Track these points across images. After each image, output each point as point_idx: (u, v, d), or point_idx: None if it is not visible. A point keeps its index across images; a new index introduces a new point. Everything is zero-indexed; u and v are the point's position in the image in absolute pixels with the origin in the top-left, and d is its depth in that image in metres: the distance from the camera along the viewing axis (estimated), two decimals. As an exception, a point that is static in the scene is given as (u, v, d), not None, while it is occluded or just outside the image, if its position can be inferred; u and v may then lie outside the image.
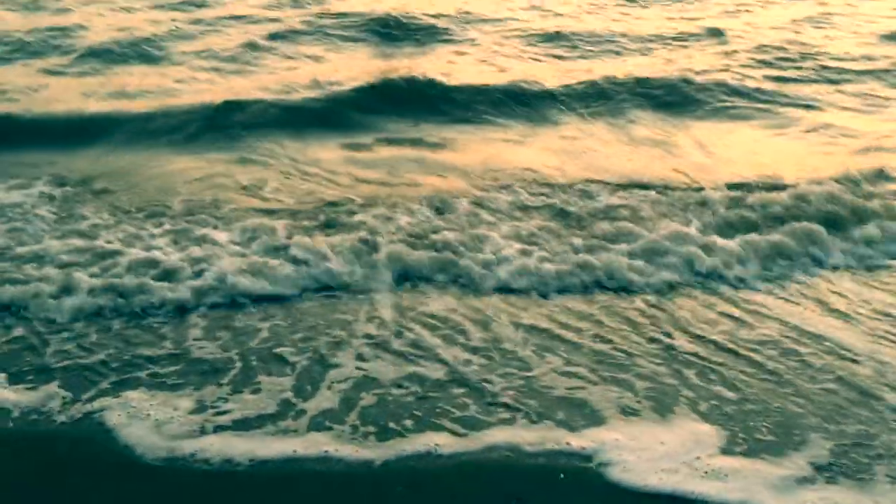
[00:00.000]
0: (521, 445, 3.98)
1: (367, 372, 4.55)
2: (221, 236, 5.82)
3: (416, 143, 7.58)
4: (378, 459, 3.88)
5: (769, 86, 8.94)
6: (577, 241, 5.73)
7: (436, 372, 4.56)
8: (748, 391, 4.35)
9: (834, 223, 5.90)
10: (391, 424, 4.18)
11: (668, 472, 3.77)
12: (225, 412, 4.29)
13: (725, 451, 3.93)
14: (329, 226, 5.97)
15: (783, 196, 6.24)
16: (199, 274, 5.36)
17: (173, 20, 11.38)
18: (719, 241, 5.66)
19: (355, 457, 3.90)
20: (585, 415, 4.21)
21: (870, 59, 9.89)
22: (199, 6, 12.38)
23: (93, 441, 4.01)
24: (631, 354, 4.69)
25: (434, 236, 5.76)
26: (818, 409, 4.21)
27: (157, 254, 5.56)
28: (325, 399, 4.34)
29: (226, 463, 3.88)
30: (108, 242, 5.71)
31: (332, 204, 6.35)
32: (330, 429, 4.14)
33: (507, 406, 4.27)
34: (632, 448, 3.95)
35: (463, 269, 5.44)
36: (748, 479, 3.73)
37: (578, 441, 4.00)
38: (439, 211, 6.17)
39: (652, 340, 4.81)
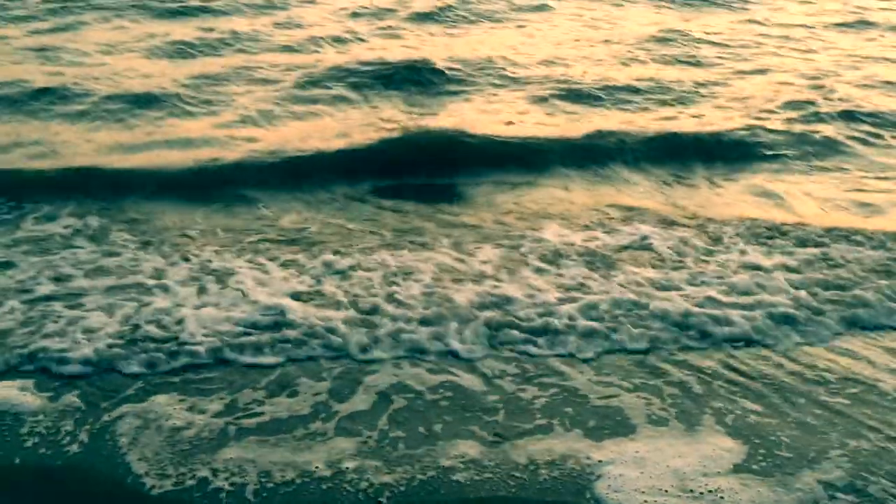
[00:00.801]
0: (540, 465, 4.03)
1: (402, 378, 4.67)
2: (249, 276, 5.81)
3: (439, 194, 7.52)
4: (388, 489, 3.88)
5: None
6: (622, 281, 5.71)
7: (471, 380, 4.68)
8: (778, 408, 4.43)
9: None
10: (421, 429, 4.26)
11: (659, 493, 3.81)
12: (256, 414, 4.38)
13: (739, 469, 3.98)
14: (358, 267, 5.93)
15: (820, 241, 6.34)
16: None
17: (194, 69, 11.35)
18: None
19: (368, 482, 3.91)
20: (617, 422, 4.32)
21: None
22: (221, 53, 12.33)
23: (98, 472, 4.00)
24: (665, 365, 4.82)
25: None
26: (842, 428, 4.28)
27: (190, 289, 5.63)
28: (359, 401, 4.46)
29: (234, 496, 3.86)
30: (148, 278, 5.78)
31: (360, 245, 6.31)
32: (358, 433, 4.22)
33: (542, 414, 4.39)
34: (644, 462, 4.00)
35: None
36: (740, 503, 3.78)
37: (600, 453, 4.07)
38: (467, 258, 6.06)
39: (685, 354, 4.94)
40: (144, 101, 9.70)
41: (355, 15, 15.01)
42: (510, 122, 9.21)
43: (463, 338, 5.05)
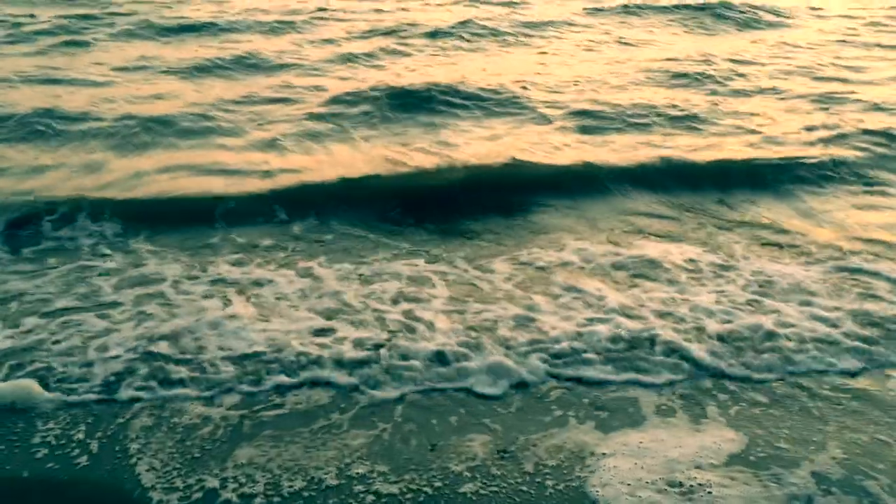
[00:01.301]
0: (546, 465, 4.05)
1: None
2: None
3: (462, 216, 7.44)
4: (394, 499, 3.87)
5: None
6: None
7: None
8: (785, 402, 4.50)
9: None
10: (433, 421, 4.32)
11: (644, 487, 3.84)
12: (274, 406, 4.44)
13: (734, 461, 4.01)
14: (373, 277, 6.00)
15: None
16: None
17: (215, 89, 11.45)
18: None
19: (375, 493, 3.89)
20: (628, 414, 4.40)
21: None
22: (240, 74, 12.41)
23: (105, 484, 3.97)
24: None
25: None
26: (841, 425, 4.33)
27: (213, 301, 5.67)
28: (376, 395, 4.55)
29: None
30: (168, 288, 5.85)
31: (383, 262, 6.33)
32: (374, 426, 4.28)
33: (558, 406, 4.48)
34: (642, 454, 4.05)
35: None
36: (726, 499, 3.78)
37: (604, 446, 4.13)
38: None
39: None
40: (163, 123, 9.72)
41: (372, 33, 15.17)
42: (531, 145, 9.19)
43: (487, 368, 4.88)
